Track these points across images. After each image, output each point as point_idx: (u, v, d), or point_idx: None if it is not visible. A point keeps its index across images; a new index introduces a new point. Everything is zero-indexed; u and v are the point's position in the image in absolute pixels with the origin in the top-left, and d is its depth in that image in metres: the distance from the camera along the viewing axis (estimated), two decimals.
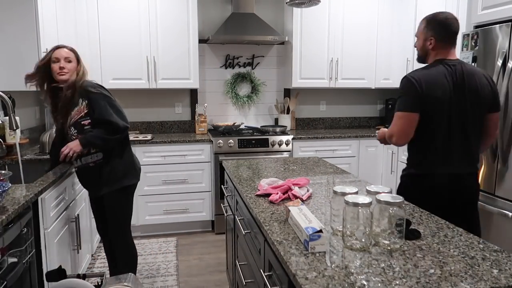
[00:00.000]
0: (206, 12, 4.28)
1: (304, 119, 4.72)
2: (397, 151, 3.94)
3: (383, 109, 4.90)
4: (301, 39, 4.18)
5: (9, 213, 1.64)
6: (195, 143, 3.83)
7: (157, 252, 3.50)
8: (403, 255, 1.25)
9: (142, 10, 3.81)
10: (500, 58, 2.52)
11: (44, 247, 2.11)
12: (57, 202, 2.30)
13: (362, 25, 4.29)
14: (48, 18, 2.95)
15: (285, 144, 3.97)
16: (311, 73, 4.26)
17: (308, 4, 3.21)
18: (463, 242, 1.35)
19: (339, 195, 1.40)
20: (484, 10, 2.77)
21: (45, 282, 2.08)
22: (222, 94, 4.48)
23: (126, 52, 3.82)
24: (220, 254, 3.48)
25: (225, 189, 2.63)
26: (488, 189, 2.66)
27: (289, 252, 1.26)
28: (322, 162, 2.68)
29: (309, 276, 1.11)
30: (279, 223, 1.51)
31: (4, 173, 1.96)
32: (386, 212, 1.30)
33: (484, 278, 1.09)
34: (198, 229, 4.03)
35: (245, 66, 4.47)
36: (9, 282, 1.63)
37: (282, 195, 1.80)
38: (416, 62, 4.04)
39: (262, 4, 4.41)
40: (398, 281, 1.07)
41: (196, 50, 3.99)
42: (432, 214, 1.64)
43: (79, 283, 1.86)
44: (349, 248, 1.29)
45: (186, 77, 4.00)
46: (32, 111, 3.55)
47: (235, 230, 2.29)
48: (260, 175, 2.27)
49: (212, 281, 3.03)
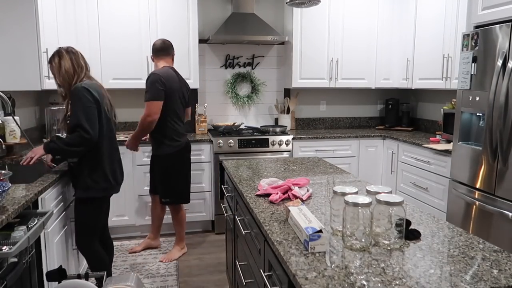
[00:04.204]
0: (206, 12, 4.28)
1: (304, 119, 4.72)
2: (397, 151, 3.94)
3: (383, 109, 4.90)
4: (301, 39, 4.18)
5: (9, 213, 1.64)
6: (195, 143, 3.83)
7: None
8: (403, 255, 1.25)
9: (142, 10, 3.81)
10: (500, 58, 2.52)
11: (44, 247, 2.11)
12: (57, 202, 2.30)
13: (362, 25, 4.29)
14: (48, 17, 2.95)
15: (285, 144, 3.97)
16: (311, 73, 4.26)
17: (308, 4, 3.20)
18: (463, 242, 1.35)
19: (339, 195, 1.40)
20: (484, 10, 2.77)
21: (45, 282, 2.08)
22: (222, 94, 4.48)
23: (126, 52, 3.82)
24: (220, 254, 3.48)
25: (225, 189, 2.63)
26: (488, 189, 2.67)
27: (289, 252, 1.26)
28: (322, 162, 2.68)
29: (309, 276, 1.11)
30: (279, 223, 1.51)
31: (4, 173, 1.96)
32: (386, 212, 1.30)
33: (484, 278, 1.09)
34: (198, 229, 4.02)
35: (245, 66, 4.47)
36: (9, 282, 1.63)
37: (282, 195, 1.80)
38: (416, 62, 4.06)
39: (262, 4, 4.41)
40: (398, 281, 1.07)
41: (196, 50, 3.99)
42: (432, 214, 1.64)
43: (83, 284, 1.86)
44: (349, 248, 1.29)
45: (186, 77, 3.97)
46: (32, 111, 3.55)
47: (235, 230, 2.29)
48: (260, 175, 2.27)
49: (212, 281, 3.03)
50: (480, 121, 2.85)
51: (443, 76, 3.64)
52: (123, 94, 4.21)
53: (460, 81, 2.91)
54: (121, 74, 3.84)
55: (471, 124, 2.93)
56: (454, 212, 2.99)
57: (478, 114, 2.86)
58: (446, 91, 4.02)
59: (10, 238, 1.67)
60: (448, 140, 3.50)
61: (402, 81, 4.31)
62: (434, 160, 3.36)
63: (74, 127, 2.22)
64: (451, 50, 3.53)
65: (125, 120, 4.27)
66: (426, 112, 4.52)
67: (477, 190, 2.77)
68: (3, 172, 1.96)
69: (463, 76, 2.87)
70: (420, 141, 3.64)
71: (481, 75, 2.73)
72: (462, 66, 2.88)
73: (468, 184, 2.84)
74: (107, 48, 3.78)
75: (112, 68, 3.81)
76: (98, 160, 2.35)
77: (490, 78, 2.60)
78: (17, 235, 1.68)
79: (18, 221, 1.80)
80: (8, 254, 1.52)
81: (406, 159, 3.81)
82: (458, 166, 2.95)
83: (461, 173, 2.91)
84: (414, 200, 3.63)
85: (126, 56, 3.82)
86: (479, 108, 2.76)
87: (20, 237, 1.66)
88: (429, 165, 3.44)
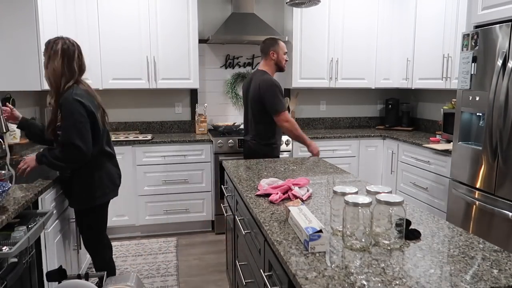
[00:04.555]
0: (206, 12, 4.28)
1: (304, 119, 4.72)
2: (397, 151, 3.94)
3: (383, 109, 4.90)
4: (301, 39, 4.18)
5: (9, 213, 1.64)
6: (195, 143, 3.83)
7: (157, 252, 3.50)
8: (403, 255, 1.25)
9: (142, 11, 3.81)
10: (500, 58, 2.52)
11: (44, 247, 2.10)
12: (57, 202, 2.30)
13: (362, 25, 4.29)
14: (48, 17, 2.95)
15: (285, 144, 3.96)
16: (311, 73, 4.26)
17: (308, 4, 3.21)
18: (463, 242, 1.35)
19: (339, 195, 1.40)
20: (484, 10, 2.77)
21: (45, 282, 2.08)
22: (222, 94, 4.48)
23: (126, 52, 3.82)
24: (220, 254, 3.48)
25: (225, 189, 2.63)
26: (488, 189, 2.67)
27: (289, 252, 1.26)
28: (322, 162, 2.68)
29: (309, 276, 1.11)
30: (279, 223, 1.51)
31: (4, 173, 1.96)
32: (386, 212, 1.30)
33: (484, 278, 1.09)
34: (198, 229, 4.03)
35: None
36: (9, 282, 1.63)
37: (282, 195, 1.80)
38: (416, 62, 4.06)
39: (262, 4, 4.41)
40: (398, 281, 1.07)
41: (196, 50, 3.99)
42: (432, 214, 1.64)
43: (83, 285, 1.87)
44: (349, 248, 1.29)
45: (186, 77, 4.00)
46: (32, 111, 3.55)
47: (235, 230, 2.29)
48: (260, 175, 2.27)
49: (212, 281, 3.03)
50: (480, 121, 2.85)
51: (443, 76, 3.64)
52: (123, 94, 4.21)
53: (460, 81, 2.91)
54: (121, 74, 3.84)
55: (471, 124, 2.93)
56: (454, 212, 2.99)
57: (478, 114, 2.86)
58: (446, 91, 4.02)
59: (10, 238, 1.67)
60: (448, 140, 3.50)
61: (402, 81, 4.31)
62: (434, 160, 3.36)
63: (66, 144, 2.08)
64: (451, 50, 3.53)
65: (125, 120, 4.27)
66: (426, 112, 4.52)
67: (477, 190, 2.77)
68: (3, 172, 1.97)
69: (463, 76, 2.87)
70: (420, 141, 3.64)
71: (481, 75, 2.73)
72: (462, 66, 2.88)
73: (468, 184, 2.84)
74: (107, 48, 3.77)
75: (112, 68, 3.81)
76: (93, 170, 2.23)
77: (490, 78, 2.60)
78: (17, 235, 1.68)
79: (18, 221, 1.80)
80: (8, 254, 1.52)
81: (406, 159, 3.80)
82: (458, 166, 2.95)
83: (461, 173, 2.91)
84: (414, 200, 3.63)
85: (126, 56, 3.82)
86: (479, 108, 2.76)
87: (20, 237, 1.66)
88: (429, 165, 3.44)
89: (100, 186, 2.26)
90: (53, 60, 2.12)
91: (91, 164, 2.21)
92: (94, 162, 2.23)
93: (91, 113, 2.13)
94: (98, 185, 2.25)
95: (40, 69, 2.80)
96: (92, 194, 2.24)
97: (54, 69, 2.12)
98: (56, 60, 2.11)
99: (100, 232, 2.42)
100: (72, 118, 2.06)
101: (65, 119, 2.08)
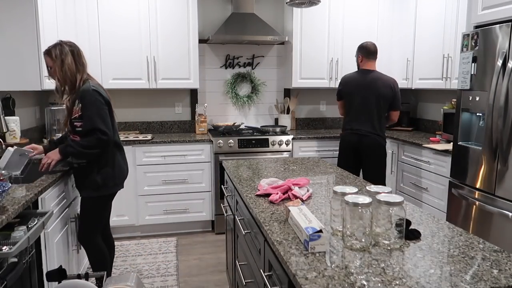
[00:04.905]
0: (206, 12, 4.28)
1: (304, 119, 4.72)
2: (397, 151, 3.94)
3: None
4: (301, 39, 4.18)
5: (9, 213, 1.64)
6: (195, 143, 3.83)
7: (157, 252, 3.50)
8: (403, 255, 1.25)
9: (142, 10, 3.81)
10: (500, 58, 2.52)
11: (44, 247, 2.11)
12: (57, 202, 2.31)
13: (362, 25, 4.29)
14: (48, 17, 2.95)
15: (285, 144, 3.97)
16: (311, 73, 4.26)
17: (308, 4, 3.21)
18: (463, 242, 1.35)
19: (339, 195, 1.40)
20: (484, 10, 2.77)
21: (45, 282, 2.08)
22: (222, 94, 4.48)
23: (126, 52, 3.82)
24: (220, 254, 3.48)
25: (225, 189, 2.63)
26: (488, 189, 2.66)
27: (289, 252, 1.26)
28: (322, 162, 2.68)
29: (309, 276, 1.11)
30: (279, 223, 1.51)
31: (4, 173, 1.96)
32: (386, 212, 1.30)
33: (484, 278, 1.09)
34: (198, 229, 4.03)
35: (245, 66, 4.47)
36: (9, 282, 1.63)
37: (282, 195, 1.80)
38: (416, 62, 4.06)
39: (262, 4, 4.41)
40: (398, 281, 1.07)
41: (196, 50, 3.99)
42: (432, 214, 1.64)
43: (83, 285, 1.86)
44: (349, 248, 1.29)
45: (186, 77, 4.00)
46: (32, 111, 3.55)
47: (235, 230, 2.29)
48: (260, 175, 2.27)
49: (212, 281, 3.03)
50: (480, 121, 2.85)
51: (443, 76, 3.64)
52: (123, 94, 4.21)
53: (460, 81, 2.91)
54: (121, 74, 3.84)
55: (471, 124, 2.93)
56: (454, 212, 2.99)
57: (478, 114, 2.85)
58: (446, 91, 4.02)
59: (10, 238, 1.67)
60: (448, 140, 3.50)
61: (402, 81, 4.31)
62: (434, 160, 3.36)
63: (90, 130, 2.24)
64: (451, 50, 3.52)
65: (125, 120, 4.27)
66: (426, 112, 4.52)
67: (477, 190, 2.77)
68: (3, 172, 1.97)
69: (463, 76, 2.87)
70: (420, 141, 3.64)
71: (481, 75, 2.73)
72: (462, 66, 2.88)
73: (468, 184, 2.84)
74: (107, 48, 3.77)
75: (112, 68, 3.81)
76: (107, 159, 2.38)
77: (490, 78, 2.60)
78: (17, 235, 1.68)
79: (18, 221, 1.80)
80: (8, 254, 1.52)
81: (406, 159, 3.80)
82: (458, 166, 2.95)
83: (461, 173, 2.91)
84: (414, 200, 3.63)
85: (126, 56, 3.82)
86: (479, 108, 2.76)
87: (20, 237, 1.66)
88: (429, 165, 3.43)
89: (112, 176, 2.41)
90: (66, 61, 2.28)
91: (107, 154, 2.36)
92: (109, 152, 2.38)
93: (107, 103, 2.33)
94: (112, 175, 2.40)
95: (40, 69, 2.80)
96: (105, 182, 2.37)
97: (69, 68, 2.28)
98: (68, 59, 2.28)
99: (98, 228, 2.49)
100: (94, 106, 2.25)
101: (87, 108, 2.25)
